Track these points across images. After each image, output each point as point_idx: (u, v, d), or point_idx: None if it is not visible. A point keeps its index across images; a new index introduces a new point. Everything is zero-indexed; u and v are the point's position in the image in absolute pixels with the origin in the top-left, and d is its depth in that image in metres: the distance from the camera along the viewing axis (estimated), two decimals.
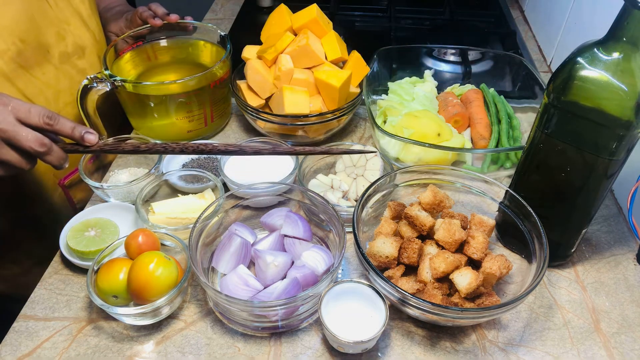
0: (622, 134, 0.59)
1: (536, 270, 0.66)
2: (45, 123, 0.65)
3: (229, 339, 0.67)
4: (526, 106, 1.01)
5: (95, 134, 0.70)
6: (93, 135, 0.70)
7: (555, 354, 0.66)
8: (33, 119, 0.65)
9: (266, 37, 0.98)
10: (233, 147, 0.73)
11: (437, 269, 0.66)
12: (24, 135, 0.64)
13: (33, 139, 0.64)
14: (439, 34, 1.35)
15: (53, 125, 0.66)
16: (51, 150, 0.67)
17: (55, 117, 0.66)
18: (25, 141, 0.64)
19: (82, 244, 0.73)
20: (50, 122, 0.66)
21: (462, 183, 0.79)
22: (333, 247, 0.73)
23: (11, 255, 1.00)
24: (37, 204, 0.97)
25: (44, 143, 0.66)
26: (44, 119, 0.65)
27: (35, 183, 0.94)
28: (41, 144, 0.65)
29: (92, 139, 0.69)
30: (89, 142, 0.69)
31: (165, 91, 0.90)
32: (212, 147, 0.72)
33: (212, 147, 0.72)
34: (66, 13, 0.91)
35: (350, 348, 0.63)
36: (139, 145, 0.72)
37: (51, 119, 0.66)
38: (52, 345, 0.66)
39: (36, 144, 0.65)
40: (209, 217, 0.72)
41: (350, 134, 1.02)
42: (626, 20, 0.55)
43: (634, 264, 0.78)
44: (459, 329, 0.68)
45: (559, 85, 0.61)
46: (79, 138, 0.69)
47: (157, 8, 1.02)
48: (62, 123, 0.67)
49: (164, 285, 0.64)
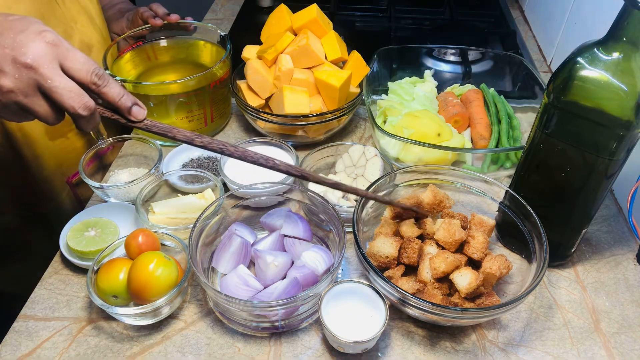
0: (622, 134, 0.59)
1: (536, 270, 0.66)
2: (92, 82, 0.55)
3: (229, 339, 0.67)
4: (526, 106, 1.01)
5: (144, 108, 0.60)
6: (142, 109, 0.59)
7: (555, 354, 0.66)
8: (80, 72, 0.54)
9: (266, 37, 0.98)
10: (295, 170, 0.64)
11: (437, 269, 0.66)
12: (67, 91, 0.53)
13: (77, 98, 0.54)
14: (439, 34, 1.35)
15: (100, 87, 0.55)
16: (93, 115, 0.56)
17: (105, 78, 0.56)
18: (68, 99, 0.53)
19: (82, 244, 0.73)
20: (98, 82, 0.55)
21: (462, 183, 0.79)
22: (333, 247, 0.73)
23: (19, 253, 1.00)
24: (45, 202, 0.97)
25: (89, 106, 0.55)
26: (92, 76, 0.54)
27: (43, 181, 0.95)
28: (86, 106, 0.54)
29: (140, 114, 0.59)
30: (135, 117, 0.59)
31: (165, 91, 0.90)
32: (273, 164, 0.62)
33: (273, 164, 0.62)
34: (73, 12, 0.92)
35: (350, 348, 0.63)
36: (193, 137, 0.60)
37: (100, 79, 0.55)
38: (52, 345, 0.66)
39: (80, 106, 0.54)
40: (209, 217, 0.72)
41: (350, 134, 1.02)
42: (626, 20, 0.55)
43: (634, 264, 0.78)
44: (459, 329, 0.68)
45: (559, 85, 0.61)
46: (125, 109, 0.58)
47: (157, 8, 1.02)
48: (110, 86, 0.56)
49: (164, 285, 0.64)
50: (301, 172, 0.63)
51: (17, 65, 0.51)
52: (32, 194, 0.95)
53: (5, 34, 0.51)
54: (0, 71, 0.51)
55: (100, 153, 0.89)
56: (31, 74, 0.51)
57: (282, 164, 0.62)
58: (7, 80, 0.51)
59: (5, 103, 0.53)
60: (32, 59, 0.51)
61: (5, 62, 0.51)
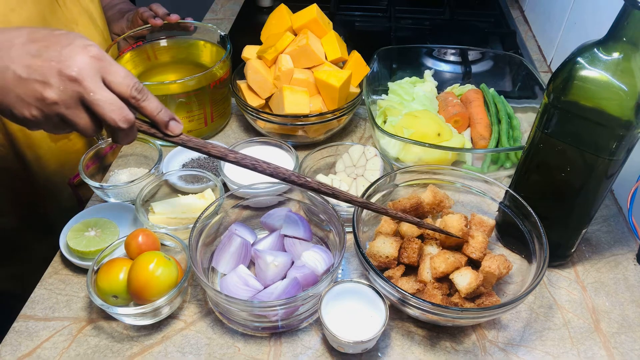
0: (622, 134, 0.59)
1: (536, 270, 0.66)
2: (132, 96, 0.55)
3: (229, 339, 0.67)
4: (526, 106, 1.01)
5: (180, 123, 0.61)
6: (178, 124, 0.60)
7: (555, 354, 0.66)
8: (121, 87, 0.55)
9: (266, 37, 0.98)
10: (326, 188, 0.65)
11: (437, 268, 0.66)
12: (109, 104, 0.53)
13: (118, 111, 0.54)
14: (439, 34, 1.35)
15: (139, 102, 0.56)
16: (132, 129, 0.57)
17: (145, 93, 0.57)
18: (110, 112, 0.54)
19: (82, 244, 0.73)
20: (138, 96, 0.56)
21: (462, 183, 0.79)
22: (333, 247, 0.73)
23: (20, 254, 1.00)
24: (46, 203, 0.97)
25: (129, 120, 0.55)
26: (132, 90, 0.55)
27: (45, 182, 0.95)
28: (126, 119, 0.55)
29: (177, 129, 0.60)
30: (172, 132, 0.60)
31: (165, 91, 0.90)
32: (304, 181, 0.64)
33: (304, 181, 0.64)
34: (74, 13, 0.92)
35: (350, 348, 0.63)
36: (227, 153, 0.61)
37: (140, 93, 0.56)
38: (52, 345, 0.66)
39: (121, 119, 0.54)
40: (209, 217, 0.72)
41: (350, 134, 1.02)
42: (626, 20, 0.55)
43: (634, 264, 0.78)
44: (459, 329, 0.68)
45: (559, 85, 0.61)
46: (163, 124, 0.59)
47: (157, 8, 1.02)
48: (149, 101, 0.57)
49: (164, 285, 0.64)
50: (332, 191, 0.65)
51: (62, 78, 0.51)
52: (33, 195, 0.95)
53: (52, 48, 0.52)
54: (45, 83, 0.51)
55: (101, 153, 0.89)
56: (75, 87, 0.52)
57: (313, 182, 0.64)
58: (52, 93, 0.52)
59: (48, 115, 0.53)
60: (77, 71, 0.52)
61: (52, 74, 0.51)
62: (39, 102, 0.52)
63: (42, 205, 0.97)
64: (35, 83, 0.51)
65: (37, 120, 0.54)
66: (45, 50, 0.52)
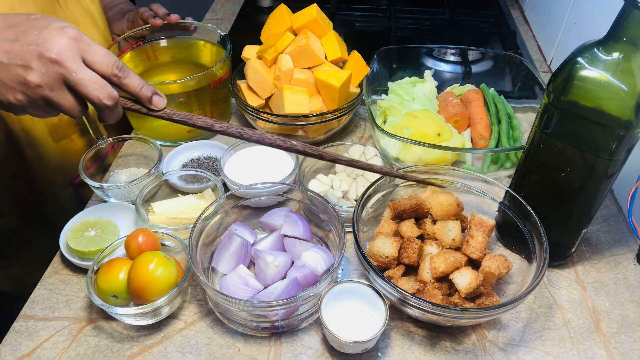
0: (622, 134, 0.59)
1: (536, 270, 0.66)
2: (114, 74, 0.56)
3: (229, 339, 0.67)
4: (526, 106, 1.01)
5: (163, 97, 0.61)
6: (162, 98, 0.61)
7: (555, 354, 0.66)
8: (102, 65, 0.55)
9: (266, 37, 0.98)
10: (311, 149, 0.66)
11: (437, 268, 0.66)
12: (92, 82, 0.54)
13: (102, 89, 0.55)
14: (439, 34, 1.35)
15: (121, 79, 0.57)
16: (117, 106, 0.58)
17: (125, 70, 0.57)
18: (93, 90, 0.54)
19: (82, 244, 0.73)
20: (119, 74, 0.57)
21: (462, 183, 0.79)
22: (333, 247, 0.73)
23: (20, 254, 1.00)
24: (47, 203, 0.97)
25: (114, 96, 0.56)
26: (113, 68, 0.56)
27: (46, 182, 0.95)
28: (110, 96, 0.56)
29: (160, 103, 0.61)
30: (155, 106, 0.61)
31: (165, 91, 0.89)
32: (290, 145, 0.65)
33: (290, 145, 0.65)
34: (75, 13, 0.92)
35: (350, 348, 0.63)
36: (212, 123, 0.62)
37: (121, 71, 0.57)
38: (52, 345, 0.66)
39: (105, 96, 0.55)
40: (209, 217, 0.72)
41: (350, 134, 1.02)
42: (626, 20, 0.55)
43: (634, 264, 0.78)
44: (459, 329, 0.68)
45: (559, 85, 0.61)
46: (146, 99, 0.60)
47: (157, 8, 1.02)
48: (131, 78, 0.58)
49: (164, 285, 0.64)
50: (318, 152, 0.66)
51: (43, 61, 0.52)
52: (34, 195, 0.95)
53: (29, 32, 0.53)
54: (27, 67, 0.52)
55: (101, 154, 0.89)
56: (56, 68, 0.52)
57: (298, 144, 0.65)
58: (34, 76, 0.52)
59: (33, 98, 0.54)
60: (57, 53, 0.52)
61: (32, 58, 0.52)
62: (23, 86, 0.53)
63: (42, 205, 0.97)
64: (17, 68, 0.52)
65: (22, 105, 0.54)
66: (23, 35, 0.52)
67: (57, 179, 0.95)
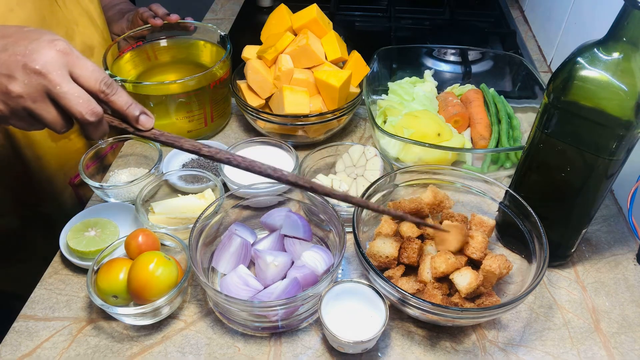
0: (622, 134, 0.59)
1: (536, 270, 0.66)
2: (101, 90, 0.55)
3: (229, 339, 0.67)
4: (526, 106, 1.00)
5: (151, 117, 0.60)
6: (149, 118, 0.59)
7: (555, 354, 0.66)
8: (89, 81, 0.54)
9: (266, 37, 0.98)
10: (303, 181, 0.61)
11: (437, 268, 0.66)
12: (75, 97, 0.53)
13: (85, 104, 0.54)
14: (439, 34, 1.35)
15: (108, 95, 0.56)
16: (101, 122, 0.56)
17: (114, 87, 0.56)
18: (76, 104, 0.53)
19: (82, 244, 0.73)
20: (107, 90, 0.55)
21: (462, 183, 0.79)
22: (333, 247, 0.73)
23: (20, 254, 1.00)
24: (47, 203, 0.97)
25: (97, 113, 0.55)
26: (101, 85, 0.55)
27: (45, 182, 0.95)
28: (94, 112, 0.54)
29: (148, 123, 0.59)
30: (142, 126, 0.59)
31: (165, 91, 0.90)
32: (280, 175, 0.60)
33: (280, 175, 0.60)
34: (74, 13, 0.92)
35: (350, 348, 0.63)
36: (200, 147, 0.59)
37: (109, 87, 0.56)
38: (52, 345, 0.66)
39: (88, 112, 0.54)
40: (209, 217, 0.72)
41: (350, 134, 1.02)
42: (626, 20, 0.55)
43: (634, 264, 0.78)
44: (459, 329, 0.68)
45: (559, 85, 0.61)
46: (133, 118, 0.58)
47: (157, 8, 1.02)
48: (119, 95, 0.57)
49: (164, 285, 0.64)
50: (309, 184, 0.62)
51: (27, 71, 0.52)
52: (34, 195, 0.95)
53: (19, 43, 0.53)
54: (10, 77, 0.52)
55: (101, 153, 0.89)
56: (40, 80, 0.52)
57: (290, 175, 0.61)
58: (16, 86, 0.52)
59: (14, 109, 0.53)
60: (42, 65, 0.52)
61: (17, 68, 0.52)
62: (4, 95, 0.52)
63: (42, 205, 0.98)
64: (1, 77, 0.52)
65: (3, 114, 0.54)
66: (12, 45, 0.52)
67: (57, 179, 0.95)
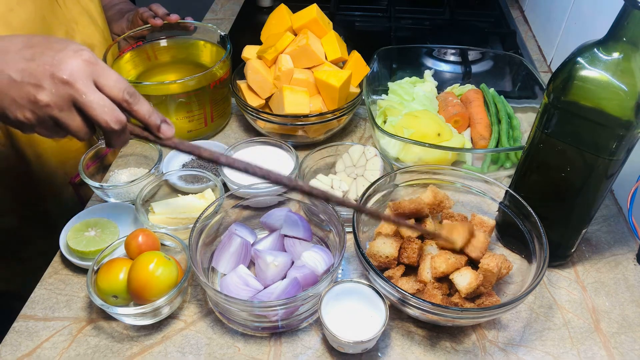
0: (622, 134, 0.59)
1: (536, 270, 0.66)
2: (124, 99, 0.56)
3: (229, 339, 0.67)
4: (526, 106, 1.00)
5: (172, 126, 0.61)
6: (170, 127, 0.60)
7: (555, 354, 0.66)
8: (113, 90, 0.55)
9: (266, 37, 0.98)
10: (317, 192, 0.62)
11: (437, 268, 0.66)
12: (100, 105, 0.54)
13: (110, 113, 0.55)
14: (439, 34, 1.35)
15: (131, 105, 0.57)
16: (124, 131, 0.57)
17: (136, 96, 0.57)
18: (102, 113, 0.54)
19: (82, 244, 0.73)
20: (129, 100, 0.56)
21: (462, 183, 0.79)
22: (333, 247, 0.73)
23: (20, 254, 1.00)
24: (47, 202, 0.97)
25: (122, 121, 0.56)
26: (124, 94, 0.56)
27: (46, 181, 0.95)
28: (118, 121, 0.55)
29: (169, 131, 0.60)
30: (163, 135, 0.60)
31: (165, 91, 0.90)
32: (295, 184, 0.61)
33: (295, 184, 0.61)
34: (74, 12, 0.92)
35: (350, 348, 0.63)
36: (218, 156, 0.60)
37: (132, 97, 0.56)
38: (52, 345, 0.66)
39: (113, 120, 0.55)
40: (209, 217, 0.72)
41: (350, 134, 1.02)
42: (626, 20, 0.55)
43: (634, 264, 0.78)
44: (459, 329, 0.68)
45: (559, 85, 0.61)
46: (155, 127, 0.59)
47: (157, 8, 1.02)
48: (141, 104, 0.58)
49: (164, 285, 0.64)
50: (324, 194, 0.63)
51: (55, 81, 0.53)
52: (34, 194, 0.95)
53: (46, 53, 0.54)
54: (38, 86, 0.53)
55: (101, 153, 0.89)
56: (67, 89, 0.53)
57: (305, 185, 0.62)
58: (44, 95, 0.53)
59: (41, 117, 0.54)
60: (69, 74, 0.53)
61: (44, 77, 0.53)
62: (32, 104, 0.53)
63: (42, 204, 0.98)
64: (29, 86, 0.52)
65: (31, 123, 0.55)
66: (39, 55, 0.53)
67: (57, 178, 0.95)
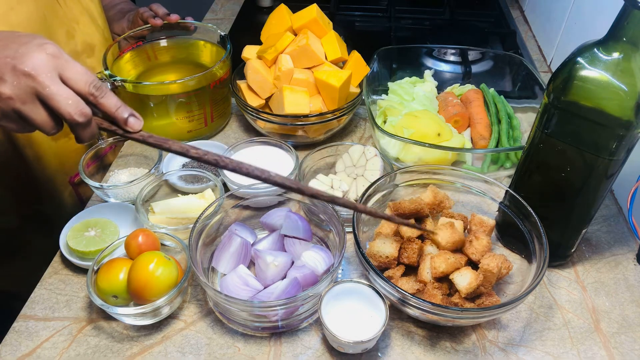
0: (622, 134, 0.59)
1: (536, 270, 0.66)
2: (90, 93, 0.56)
3: (229, 339, 0.67)
4: (526, 106, 1.01)
5: (140, 119, 0.60)
6: (138, 120, 0.59)
7: (555, 354, 0.66)
8: (79, 83, 0.55)
9: (266, 37, 0.98)
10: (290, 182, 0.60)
11: (437, 268, 0.66)
12: (64, 98, 0.54)
13: (74, 105, 0.54)
14: (439, 34, 1.35)
15: (97, 98, 0.56)
16: (89, 123, 0.57)
17: (103, 90, 0.57)
18: (65, 105, 0.54)
19: (82, 244, 0.73)
20: (95, 93, 0.56)
21: (462, 183, 0.79)
22: (333, 247, 0.73)
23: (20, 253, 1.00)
24: (47, 202, 0.97)
25: (86, 113, 0.55)
26: (90, 87, 0.55)
27: (45, 181, 0.95)
28: (82, 113, 0.55)
29: (136, 125, 0.59)
30: (131, 128, 0.59)
31: (165, 91, 0.90)
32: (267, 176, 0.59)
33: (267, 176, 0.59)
34: (75, 12, 0.92)
35: (350, 348, 0.63)
36: (188, 149, 0.59)
37: (98, 90, 0.56)
38: (52, 345, 0.66)
39: (77, 112, 0.55)
40: (209, 217, 0.72)
41: (350, 134, 1.02)
42: (626, 20, 0.55)
43: (634, 264, 0.78)
44: (459, 329, 0.68)
45: (559, 85, 0.61)
46: (122, 120, 0.58)
47: (157, 8, 1.02)
48: (108, 97, 0.57)
49: (164, 285, 0.64)
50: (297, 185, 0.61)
51: (17, 73, 0.53)
52: (34, 194, 0.95)
53: (10, 46, 0.54)
54: (0, 79, 0.53)
55: (101, 153, 0.89)
56: (29, 82, 0.53)
57: (277, 176, 0.60)
58: (6, 88, 0.53)
59: (4, 110, 0.54)
60: (31, 67, 0.53)
61: (6, 70, 0.53)
62: None
63: (42, 204, 0.98)
64: None
65: None
66: (2, 48, 0.54)
67: (57, 178, 0.95)
